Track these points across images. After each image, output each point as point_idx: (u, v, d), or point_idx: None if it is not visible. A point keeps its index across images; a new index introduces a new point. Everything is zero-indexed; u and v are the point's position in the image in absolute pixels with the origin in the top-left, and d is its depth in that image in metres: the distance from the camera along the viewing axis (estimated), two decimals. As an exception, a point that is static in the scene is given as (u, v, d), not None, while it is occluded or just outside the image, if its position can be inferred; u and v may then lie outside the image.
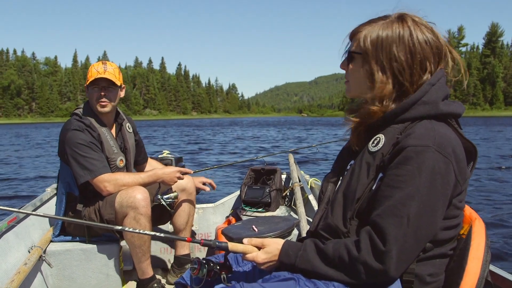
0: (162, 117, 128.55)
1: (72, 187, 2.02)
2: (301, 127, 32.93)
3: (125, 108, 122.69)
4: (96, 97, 2.03)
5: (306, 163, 10.31)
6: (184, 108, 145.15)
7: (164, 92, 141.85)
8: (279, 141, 19.86)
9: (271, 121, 63.56)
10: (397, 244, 0.85)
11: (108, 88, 2.04)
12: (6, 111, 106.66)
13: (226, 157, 12.80)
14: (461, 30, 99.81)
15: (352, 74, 1.03)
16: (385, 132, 0.97)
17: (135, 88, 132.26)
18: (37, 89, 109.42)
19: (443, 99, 0.96)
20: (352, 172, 1.00)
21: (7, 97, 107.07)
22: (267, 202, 2.57)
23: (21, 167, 11.00)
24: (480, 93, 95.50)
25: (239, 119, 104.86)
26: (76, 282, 1.99)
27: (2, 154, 14.85)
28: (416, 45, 0.96)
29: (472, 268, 0.95)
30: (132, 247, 1.95)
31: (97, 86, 2.03)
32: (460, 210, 0.98)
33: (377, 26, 0.99)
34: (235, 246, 1.04)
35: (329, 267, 0.92)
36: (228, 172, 8.87)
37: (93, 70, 2.03)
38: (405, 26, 0.97)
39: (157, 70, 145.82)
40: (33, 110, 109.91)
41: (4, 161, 12.44)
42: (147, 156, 2.46)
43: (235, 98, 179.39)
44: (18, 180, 8.75)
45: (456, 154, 0.91)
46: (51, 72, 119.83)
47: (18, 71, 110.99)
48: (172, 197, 2.09)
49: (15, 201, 6.23)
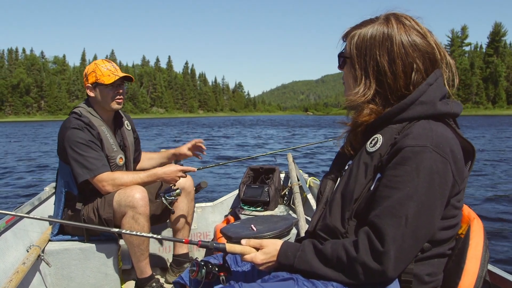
0: (169, 115, 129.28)
1: (71, 186, 2.02)
2: (301, 128, 32.76)
3: (132, 106, 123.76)
4: (113, 95, 2.05)
5: (305, 162, 10.29)
6: (190, 106, 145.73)
7: (171, 91, 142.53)
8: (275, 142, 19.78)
9: (273, 120, 63.34)
10: (395, 244, 0.85)
11: (122, 85, 2.09)
12: (16, 109, 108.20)
13: (225, 156, 12.79)
14: (464, 30, 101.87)
15: (344, 76, 1.05)
16: (383, 132, 0.97)
17: (142, 86, 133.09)
18: (46, 87, 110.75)
19: (440, 98, 0.95)
20: (350, 173, 0.99)
21: (17, 95, 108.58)
22: (266, 201, 2.56)
23: (20, 165, 11.08)
24: (483, 92, 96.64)
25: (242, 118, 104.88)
26: (75, 281, 2.00)
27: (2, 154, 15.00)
28: (399, 48, 0.95)
29: (471, 268, 0.96)
30: (130, 246, 1.96)
31: (113, 85, 2.04)
32: (458, 210, 0.97)
33: (364, 28, 0.99)
34: (233, 247, 1.04)
35: (327, 267, 0.93)
36: (229, 170, 8.88)
37: (103, 70, 2.02)
38: (389, 28, 0.96)
39: (164, 69, 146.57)
40: (42, 108, 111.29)
41: (3, 160, 12.56)
42: (140, 150, 2.44)
43: (241, 97, 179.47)
44: (17, 178, 8.81)
45: (454, 154, 0.90)
46: (60, 71, 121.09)
47: (27, 70, 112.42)
48: (175, 194, 2.08)
49: (13, 200, 6.19)
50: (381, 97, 0.98)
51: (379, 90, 0.97)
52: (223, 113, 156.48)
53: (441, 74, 0.97)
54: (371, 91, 0.97)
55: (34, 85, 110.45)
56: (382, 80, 0.96)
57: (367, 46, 0.96)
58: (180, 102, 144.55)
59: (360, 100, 0.98)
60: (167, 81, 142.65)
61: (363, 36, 0.98)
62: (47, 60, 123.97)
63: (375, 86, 0.96)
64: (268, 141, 19.62)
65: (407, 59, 0.95)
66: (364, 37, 0.97)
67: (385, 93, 0.97)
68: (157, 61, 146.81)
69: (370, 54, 0.96)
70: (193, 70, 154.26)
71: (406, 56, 0.95)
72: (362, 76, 0.98)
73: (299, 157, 11.34)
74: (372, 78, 0.96)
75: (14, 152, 15.01)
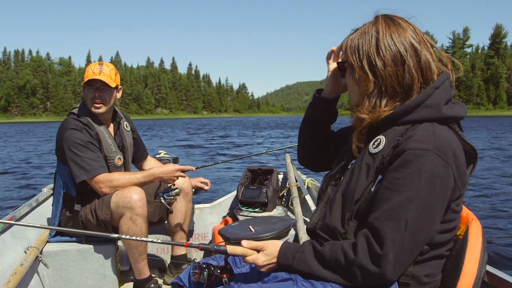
0: (173, 116, 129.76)
1: (69, 187, 2.02)
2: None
3: (137, 107, 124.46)
4: (91, 98, 2.04)
5: None
6: (194, 107, 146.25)
7: (175, 92, 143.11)
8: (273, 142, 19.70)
9: (273, 121, 63.21)
10: (394, 247, 0.85)
11: (103, 89, 2.04)
12: (22, 110, 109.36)
13: (225, 157, 12.78)
14: (466, 31, 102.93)
15: (347, 82, 1.07)
16: (386, 133, 0.96)
17: (147, 87, 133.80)
18: (52, 88, 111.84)
19: (446, 102, 0.95)
20: (352, 173, 0.99)
21: (23, 97, 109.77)
22: (264, 202, 2.55)
23: (19, 165, 11.11)
24: (483, 93, 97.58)
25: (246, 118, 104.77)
26: (73, 282, 2.00)
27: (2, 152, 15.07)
28: (387, 39, 0.96)
29: (469, 269, 0.96)
30: (128, 248, 1.96)
31: (92, 87, 2.03)
32: (457, 214, 0.97)
33: (355, 33, 1.02)
34: (234, 249, 1.04)
35: (326, 269, 0.92)
36: (227, 172, 8.88)
37: (89, 71, 2.03)
38: (377, 24, 0.98)
39: (168, 70, 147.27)
40: (48, 109, 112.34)
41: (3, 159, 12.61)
42: (146, 153, 2.45)
43: (245, 98, 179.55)
44: (15, 177, 8.84)
45: (456, 158, 0.90)
46: (65, 72, 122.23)
47: (34, 71, 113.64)
48: (173, 194, 2.07)
49: (10, 202, 6.16)
50: (379, 90, 0.98)
51: (376, 81, 0.97)
52: (227, 114, 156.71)
53: (448, 76, 0.97)
54: (370, 84, 0.97)
55: (40, 86, 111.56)
56: (375, 71, 0.97)
57: (359, 45, 0.98)
58: (184, 103, 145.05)
59: (360, 93, 1.00)
60: (172, 82, 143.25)
61: (354, 36, 1.01)
62: (53, 62, 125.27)
63: (372, 77, 0.97)
64: (266, 141, 19.53)
65: (395, 46, 0.95)
66: (355, 39, 1.00)
67: (381, 84, 0.97)
68: (162, 62, 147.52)
69: (362, 49, 0.98)
70: (197, 71, 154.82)
71: (394, 44, 0.95)
72: (360, 71, 0.98)
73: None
74: (368, 71, 0.97)
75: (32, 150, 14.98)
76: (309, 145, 1.26)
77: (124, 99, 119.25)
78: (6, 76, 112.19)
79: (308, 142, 1.26)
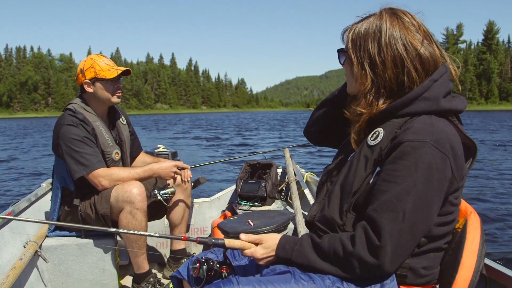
0: (173, 111, 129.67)
1: (68, 181, 2.01)
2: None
3: (137, 102, 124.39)
4: (114, 90, 2.05)
5: (302, 158, 10.25)
6: (194, 102, 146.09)
7: (174, 87, 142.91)
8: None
9: (271, 117, 62.99)
10: (392, 239, 0.85)
11: (120, 79, 2.09)
12: (24, 106, 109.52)
13: (219, 154, 12.73)
14: (460, 27, 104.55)
15: (345, 71, 1.07)
16: (384, 126, 0.97)
17: (146, 83, 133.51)
18: (53, 84, 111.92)
19: (445, 95, 0.95)
20: (350, 165, 0.99)
21: (25, 92, 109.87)
22: (263, 196, 2.56)
23: (18, 161, 11.10)
24: (476, 88, 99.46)
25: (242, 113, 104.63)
26: (72, 277, 2.00)
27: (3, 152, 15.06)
28: (389, 38, 0.95)
29: (467, 262, 0.96)
30: (128, 242, 1.95)
31: (113, 79, 2.03)
32: (455, 207, 0.97)
33: (360, 24, 1.01)
34: (232, 242, 1.04)
35: (324, 261, 0.93)
36: (226, 166, 8.87)
37: (102, 65, 2.01)
38: (381, 21, 0.97)
39: (168, 66, 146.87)
40: (49, 105, 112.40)
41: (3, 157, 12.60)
42: (141, 147, 2.43)
43: (243, 93, 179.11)
44: (14, 172, 8.84)
45: (454, 150, 0.89)
46: (66, 68, 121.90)
47: (35, 67, 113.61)
48: (169, 192, 2.08)
49: (9, 198, 6.16)
50: (377, 89, 0.98)
51: (375, 80, 0.97)
52: (226, 109, 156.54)
53: (447, 70, 0.97)
54: (368, 82, 0.97)
55: (41, 82, 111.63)
56: (375, 71, 0.96)
57: (361, 39, 0.98)
58: (184, 98, 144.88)
59: (357, 90, 1.00)
60: (171, 78, 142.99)
61: (358, 30, 1.00)
62: (54, 58, 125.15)
63: (371, 76, 0.97)
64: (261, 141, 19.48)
65: (397, 49, 0.94)
66: (359, 31, 0.99)
67: (380, 84, 0.97)
68: (161, 58, 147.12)
69: (364, 46, 0.97)
70: (197, 67, 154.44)
71: (396, 46, 0.94)
72: (359, 68, 0.98)
73: (295, 151, 11.22)
74: (368, 69, 0.97)
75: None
76: (321, 122, 1.24)
77: (124, 95, 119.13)
78: (8, 72, 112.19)
79: (321, 119, 1.24)
